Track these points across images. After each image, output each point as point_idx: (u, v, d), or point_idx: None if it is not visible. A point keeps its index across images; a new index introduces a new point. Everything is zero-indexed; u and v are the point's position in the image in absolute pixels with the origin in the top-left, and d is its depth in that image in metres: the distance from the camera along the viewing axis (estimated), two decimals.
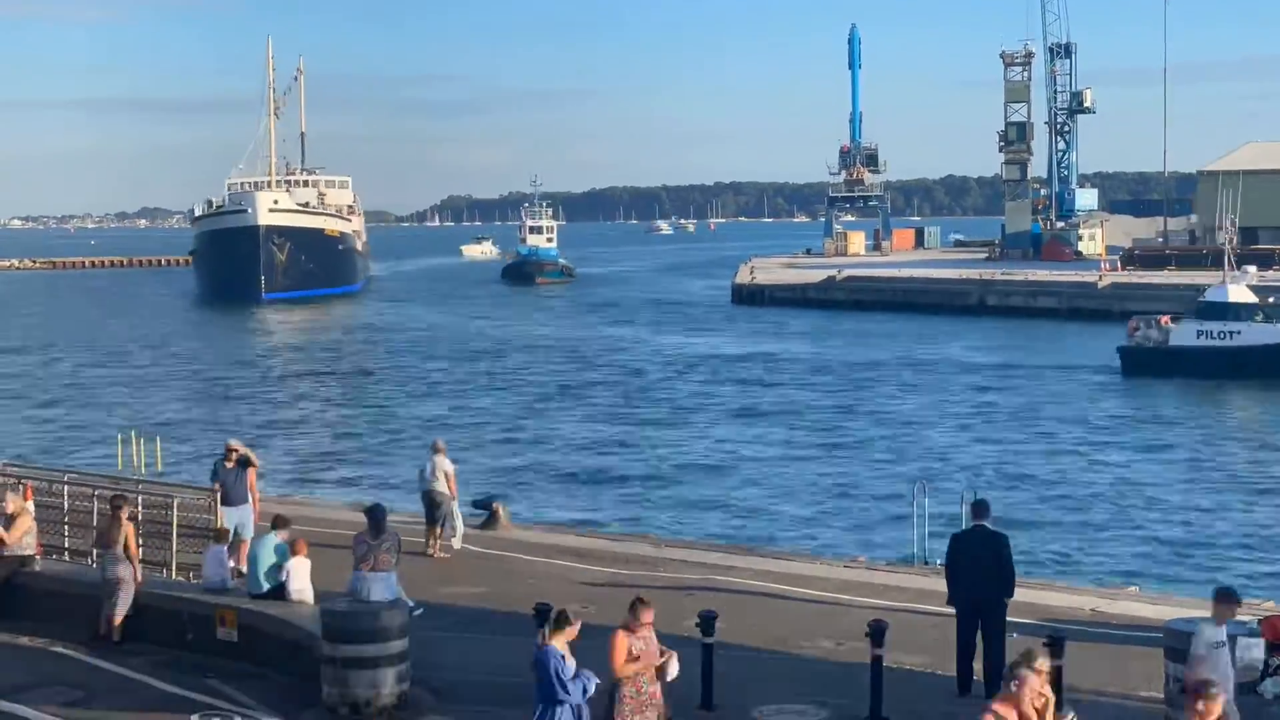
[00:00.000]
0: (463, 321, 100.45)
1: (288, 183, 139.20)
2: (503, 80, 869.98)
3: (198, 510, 21.65)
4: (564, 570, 22.92)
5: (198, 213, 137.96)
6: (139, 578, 19.15)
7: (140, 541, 20.26)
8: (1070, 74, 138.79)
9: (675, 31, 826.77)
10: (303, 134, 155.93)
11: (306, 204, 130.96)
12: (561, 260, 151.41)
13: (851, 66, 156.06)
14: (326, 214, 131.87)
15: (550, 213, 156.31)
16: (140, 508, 21.51)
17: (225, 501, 21.65)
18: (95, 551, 19.85)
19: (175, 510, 21.44)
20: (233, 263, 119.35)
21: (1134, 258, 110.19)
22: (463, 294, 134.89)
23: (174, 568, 21.15)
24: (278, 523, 18.98)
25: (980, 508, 16.57)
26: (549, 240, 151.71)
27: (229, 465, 22.30)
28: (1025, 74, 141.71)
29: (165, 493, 22.54)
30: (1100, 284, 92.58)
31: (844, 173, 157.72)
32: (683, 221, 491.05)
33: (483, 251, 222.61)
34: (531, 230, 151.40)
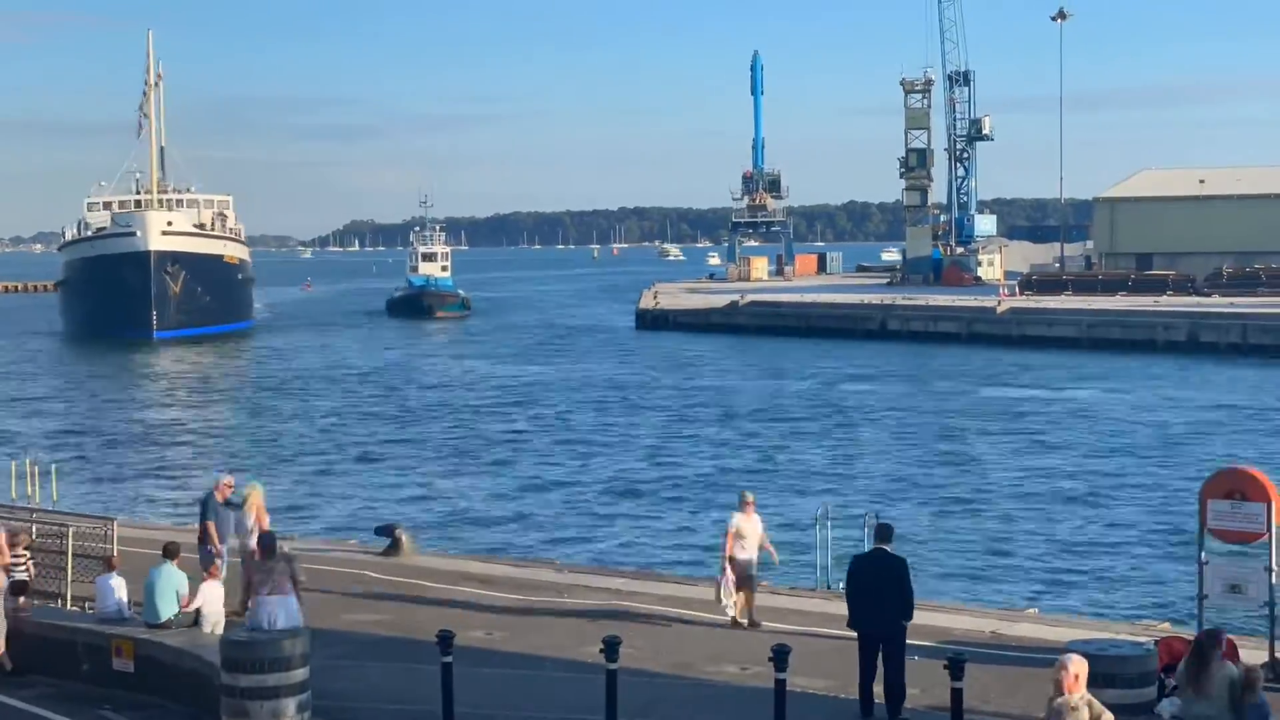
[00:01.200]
0: (377, 360, 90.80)
1: (161, 202, 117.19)
2: (403, 104, 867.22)
3: (93, 539, 21.30)
4: (468, 596, 22.78)
5: (67, 236, 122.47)
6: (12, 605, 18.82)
7: (32, 572, 19.93)
8: (969, 101, 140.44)
9: (579, 55, 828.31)
10: (162, 148, 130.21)
11: (203, 225, 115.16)
12: (460, 291, 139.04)
13: (754, 93, 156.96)
14: (225, 238, 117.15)
15: (443, 238, 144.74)
16: (34, 537, 21.14)
17: (220, 539, 21.07)
18: None
19: (70, 539, 21.09)
20: (116, 294, 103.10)
21: (1032, 283, 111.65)
22: (360, 327, 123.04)
23: (69, 598, 20.81)
24: (168, 550, 18.71)
25: (883, 531, 16.69)
26: (444, 269, 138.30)
27: (219, 500, 21.56)
28: (925, 101, 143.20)
29: (60, 521, 22.16)
30: (999, 309, 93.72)
31: (747, 198, 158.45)
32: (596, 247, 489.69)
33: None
34: (424, 258, 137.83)
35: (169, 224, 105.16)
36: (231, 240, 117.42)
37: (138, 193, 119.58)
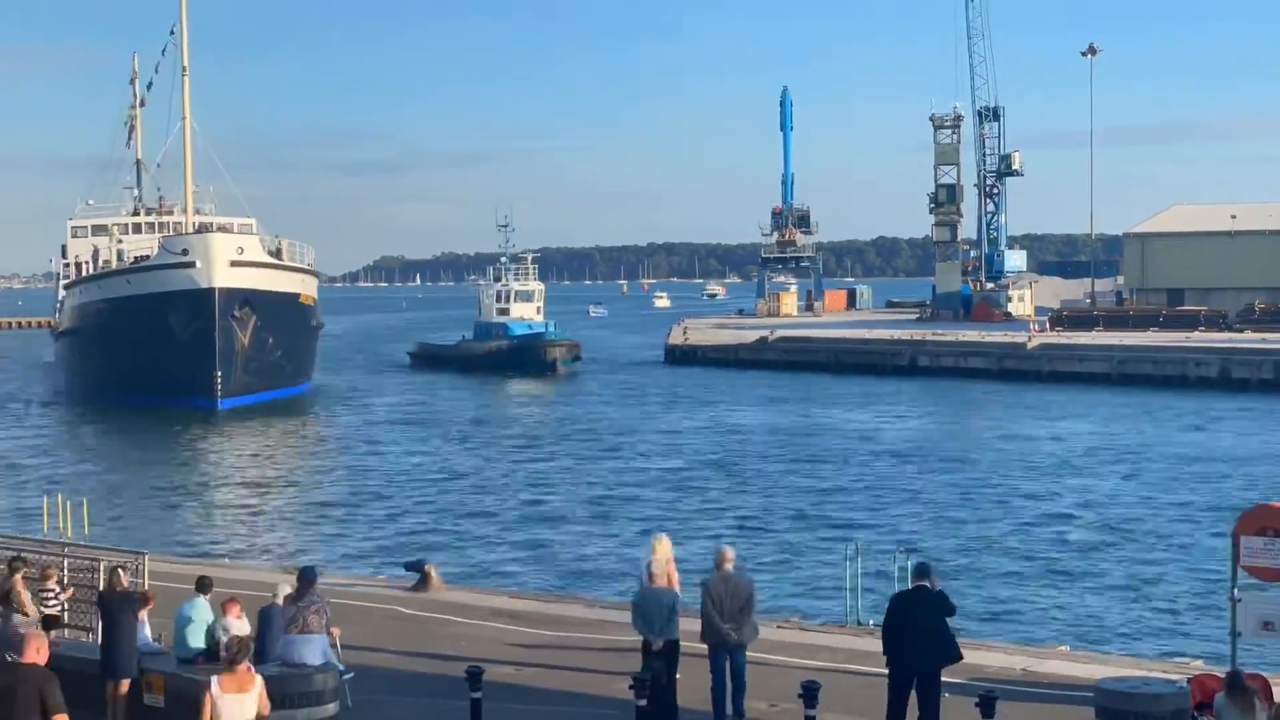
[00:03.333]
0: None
1: (148, 225, 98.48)
2: (434, 141, 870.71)
3: (128, 573, 21.34)
4: (497, 633, 22.76)
5: (73, 268, 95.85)
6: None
7: (65, 606, 20.01)
8: (999, 137, 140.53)
9: (608, 91, 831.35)
10: (138, 161, 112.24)
11: (277, 253, 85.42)
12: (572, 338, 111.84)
13: (784, 128, 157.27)
14: (302, 270, 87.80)
15: (536, 271, 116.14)
16: (66, 571, 21.23)
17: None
18: None
19: (102, 574, 21.15)
20: (161, 348, 76.77)
21: (1062, 319, 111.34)
22: (481, 392, 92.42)
23: (100, 631, 20.84)
24: (201, 585, 18.78)
25: (923, 569, 16.61)
26: (539, 311, 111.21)
27: None
28: (955, 137, 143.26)
29: (91, 556, 22.25)
30: (1029, 345, 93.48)
31: (776, 234, 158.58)
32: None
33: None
34: (518, 297, 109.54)
35: (239, 251, 77.85)
36: (307, 274, 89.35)
37: (136, 212, 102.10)
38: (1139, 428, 64.76)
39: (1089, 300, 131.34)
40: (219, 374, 76.77)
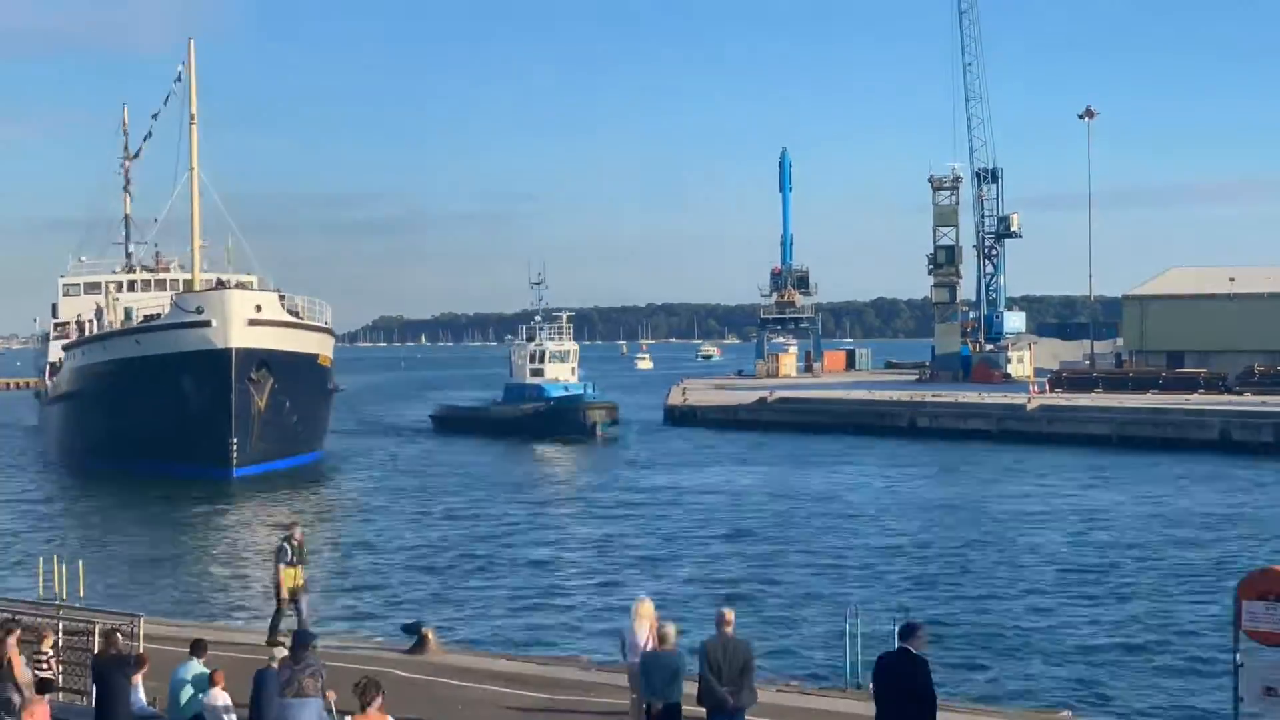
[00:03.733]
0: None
1: (144, 283, 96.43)
2: (434, 202, 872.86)
3: (121, 636, 21.22)
4: (494, 696, 22.61)
5: (71, 328, 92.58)
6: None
7: (57, 669, 19.87)
8: (997, 199, 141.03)
9: (608, 152, 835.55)
10: (126, 216, 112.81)
11: (297, 312, 79.14)
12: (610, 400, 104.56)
13: (782, 189, 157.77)
14: (319, 329, 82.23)
15: (570, 331, 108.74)
16: (60, 634, 21.09)
17: None
18: None
19: (96, 636, 21.03)
20: (175, 413, 72.18)
21: (1062, 380, 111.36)
22: (515, 460, 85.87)
23: (95, 695, 20.69)
24: (196, 648, 18.66)
25: (907, 630, 16.46)
26: (574, 372, 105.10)
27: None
28: (953, 198, 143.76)
29: (86, 619, 22.13)
30: (1029, 406, 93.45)
31: (775, 295, 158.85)
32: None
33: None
34: (553, 358, 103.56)
35: (258, 309, 73.26)
36: (325, 333, 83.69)
37: (131, 269, 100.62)
38: (1140, 489, 64.59)
39: (1088, 362, 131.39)
40: (234, 440, 72.17)
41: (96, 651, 19.39)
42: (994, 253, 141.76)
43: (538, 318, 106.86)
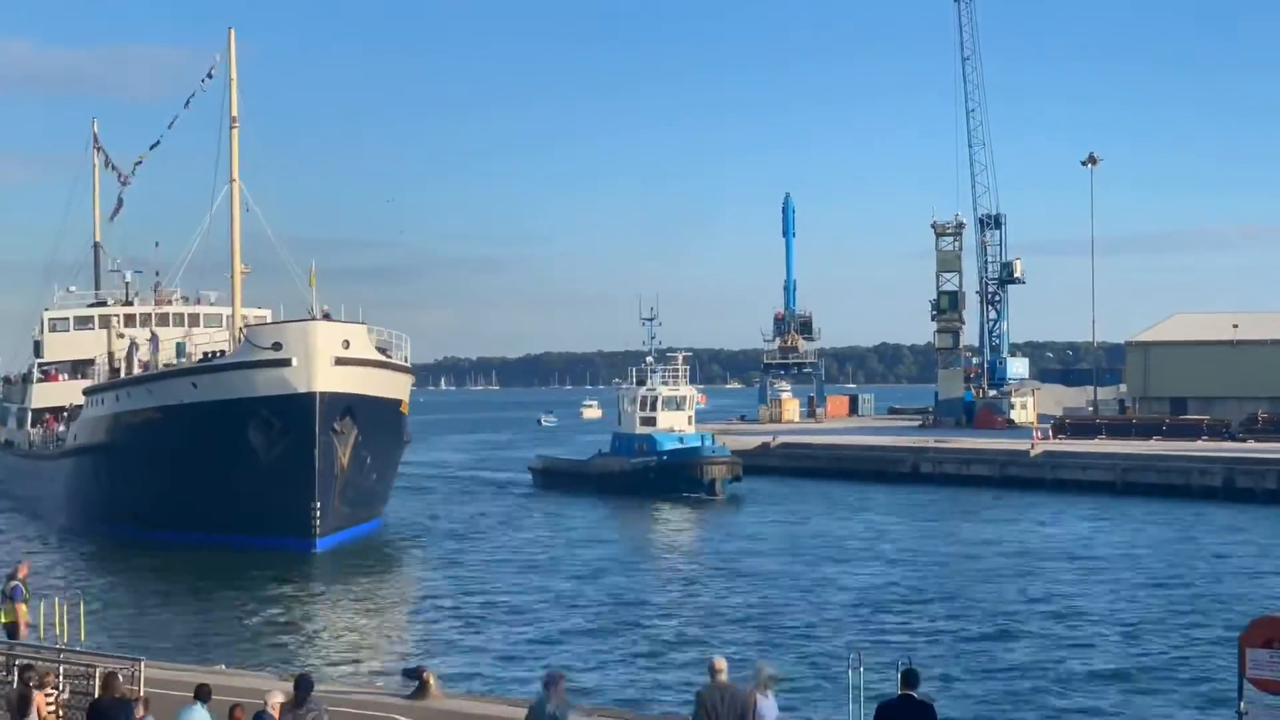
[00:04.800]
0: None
1: (167, 318, 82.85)
2: (436, 245, 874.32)
3: (122, 680, 21.20)
4: None
5: (100, 370, 78.64)
6: None
7: (61, 715, 19.84)
8: (1000, 244, 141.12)
9: (610, 196, 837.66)
10: (97, 244, 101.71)
11: (385, 349, 67.07)
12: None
13: (786, 235, 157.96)
14: (402, 369, 69.04)
15: (687, 372, 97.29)
16: (62, 677, 21.06)
17: None
18: None
19: (97, 680, 20.99)
20: (242, 471, 60.21)
21: (1065, 426, 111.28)
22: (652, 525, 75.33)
23: None
24: (200, 693, 18.63)
25: (909, 677, 16.42)
26: (691, 421, 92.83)
27: None
28: (956, 244, 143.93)
29: (87, 662, 22.10)
30: (1033, 452, 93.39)
31: (778, 340, 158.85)
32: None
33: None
34: (666, 404, 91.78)
35: (345, 345, 61.34)
36: (407, 373, 70.63)
37: (129, 301, 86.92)
38: (1143, 537, 64.49)
39: (1091, 408, 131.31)
40: (317, 505, 60.09)
41: (96, 695, 19.34)
42: (997, 298, 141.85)
43: (648, 359, 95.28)
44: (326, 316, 63.26)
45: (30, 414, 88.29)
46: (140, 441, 64.77)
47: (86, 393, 73.54)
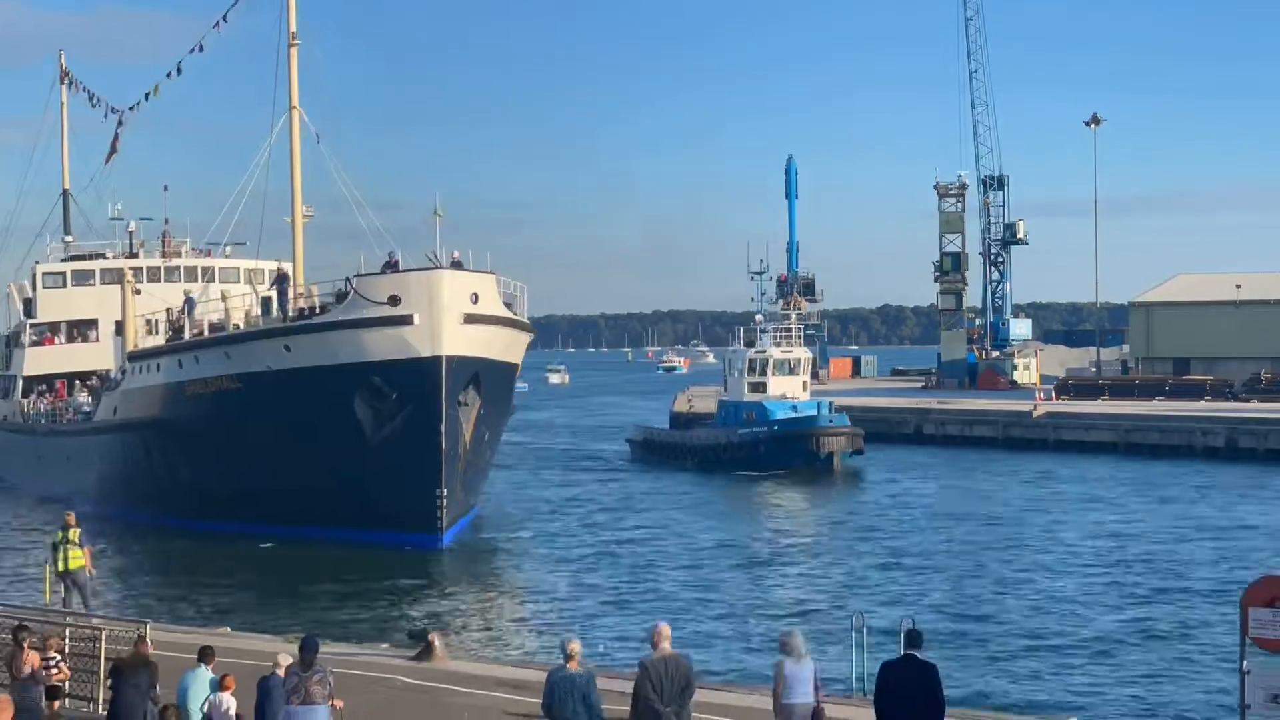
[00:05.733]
0: None
1: (178, 272, 73.79)
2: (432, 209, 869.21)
3: (126, 643, 21.28)
4: (500, 703, 22.61)
5: (51, 329, 74.89)
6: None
7: (66, 676, 19.92)
8: (1003, 206, 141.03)
9: (612, 159, 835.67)
10: (65, 191, 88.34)
11: (511, 304, 55.85)
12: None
13: (789, 196, 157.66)
14: (524, 327, 57.87)
15: (801, 333, 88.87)
16: (67, 641, 21.13)
17: None
18: None
19: (103, 643, 21.08)
20: (347, 452, 50.53)
21: (1068, 387, 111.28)
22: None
23: (101, 702, 20.74)
24: (203, 655, 18.70)
25: (912, 637, 16.38)
26: (805, 386, 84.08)
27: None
28: (959, 205, 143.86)
29: (93, 626, 22.17)
30: (1035, 413, 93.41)
31: (781, 302, 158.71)
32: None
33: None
34: (777, 368, 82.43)
35: (474, 299, 51.14)
36: (528, 331, 59.04)
37: (132, 253, 76.16)
38: (1146, 496, 64.59)
39: (1094, 369, 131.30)
40: (443, 492, 50.25)
41: (118, 658, 19.36)
42: (1000, 260, 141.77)
43: (758, 317, 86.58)
44: (457, 265, 52.09)
45: (21, 382, 76.60)
46: (211, 416, 54.25)
47: (133, 358, 62.11)
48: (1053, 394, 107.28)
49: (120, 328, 66.95)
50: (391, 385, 49.78)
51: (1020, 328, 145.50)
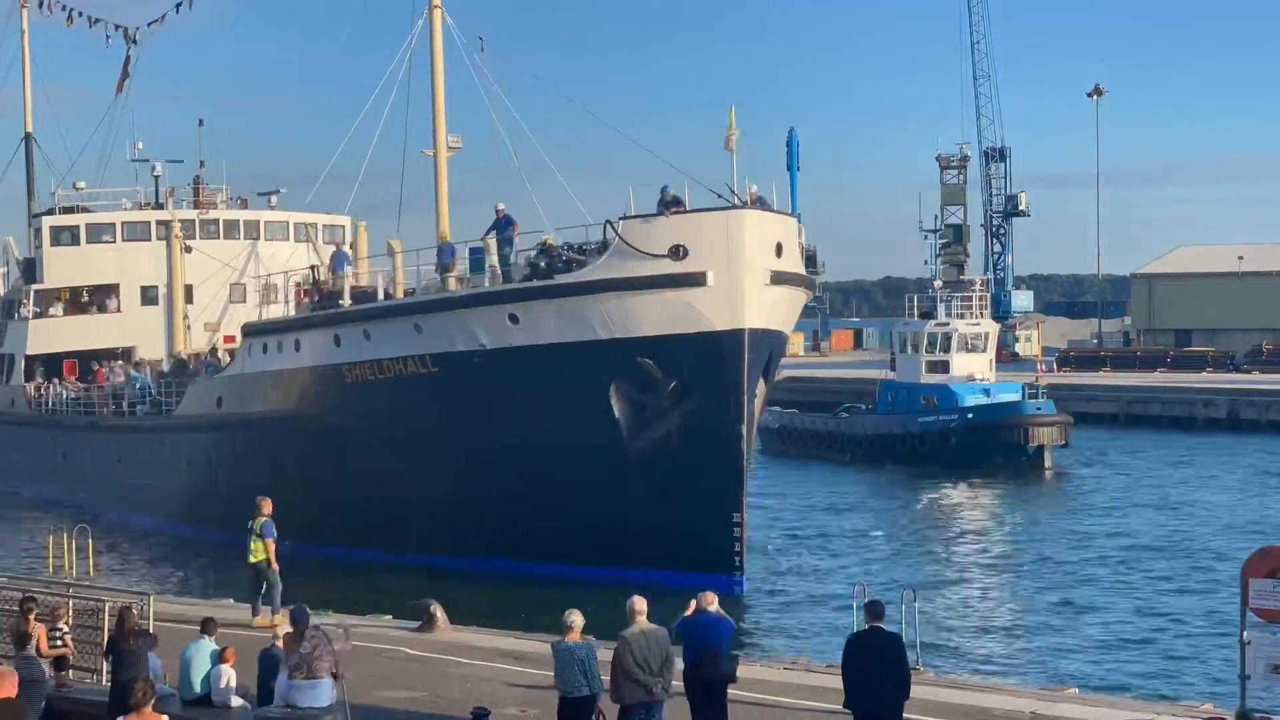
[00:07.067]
0: None
1: (207, 226, 59.69)
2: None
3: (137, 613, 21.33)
4: (502, 673, 22.68)
5: (55, 296, 60.78)
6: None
7: (71, 647, 20.00)
8: (1005, 177, 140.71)
9: (609, 132, 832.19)
10: (28, 135, 74.21)
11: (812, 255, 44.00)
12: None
13: (790, 169, 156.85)
14: (810, 285, 43.61)
15: (987, 301, 74.79)
16: (71, 612, 21.19)
17: None
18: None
19: (107, 614, 21.13)
20: (599, 460, 36.93)
21: (1070, 359, 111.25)
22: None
23: (105, 673, 20.81)
24: (206, 626, 18.78)
25: (874, 608, 16.33)
26: (992, 366, 72.07)
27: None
28: (961, 177, 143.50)
29: (97, 597, 22.23)
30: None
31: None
32: None
33: None
34: (962, 343, 69.27)
35: (779, 252, 38.38)
36: (808, 294, 43.98)
37: (159, 203, 61.51)
38: (1148, 468, 64.59)
39: (1096, 341, 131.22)
40: (743, 520, 37.31)
41: (116, 628, 19.41)
42: (1002, 231, 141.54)
43: (936, 284, 75.48)
44: (760, 203, 39.18)
45: (22, 363, 62.29)
46: (383, 413, 40.42)
47: (249, 332, 47.14)
48: (1054, 366, 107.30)
49: (152, 294, 58.29)
50: (669, 371, 36.84)
51: (1022, 300, 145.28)
